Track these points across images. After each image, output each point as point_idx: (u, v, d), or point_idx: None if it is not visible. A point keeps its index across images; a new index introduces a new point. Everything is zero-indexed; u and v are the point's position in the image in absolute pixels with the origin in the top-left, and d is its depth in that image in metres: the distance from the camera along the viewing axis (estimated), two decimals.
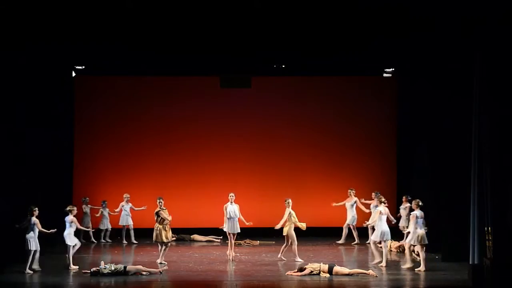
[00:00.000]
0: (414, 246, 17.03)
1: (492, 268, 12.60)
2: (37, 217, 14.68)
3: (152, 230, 15.97)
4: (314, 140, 20.89)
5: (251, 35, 15.92)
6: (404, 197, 18.32)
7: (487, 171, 13.01)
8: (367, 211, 18.58)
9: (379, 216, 15.57)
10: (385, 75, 20.70)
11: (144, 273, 14.40)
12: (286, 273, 14.48)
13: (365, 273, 14.27)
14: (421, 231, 14.96)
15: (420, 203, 15.17)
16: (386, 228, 15.52)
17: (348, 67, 19.86)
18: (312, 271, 14.29)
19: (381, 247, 15.81)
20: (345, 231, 19.34)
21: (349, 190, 19.42)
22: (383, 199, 15.91)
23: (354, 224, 19.19)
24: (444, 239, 15.96)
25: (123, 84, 20.80)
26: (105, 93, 20.78)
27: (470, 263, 13.41)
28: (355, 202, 19.28)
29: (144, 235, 18.75)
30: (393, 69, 20.39)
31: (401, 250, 17.51)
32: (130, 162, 20.59)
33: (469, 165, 13.75)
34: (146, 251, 17.86)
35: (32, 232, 14.60)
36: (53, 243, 17.87)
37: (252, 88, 20.73)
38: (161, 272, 14.53)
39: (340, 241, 19.28)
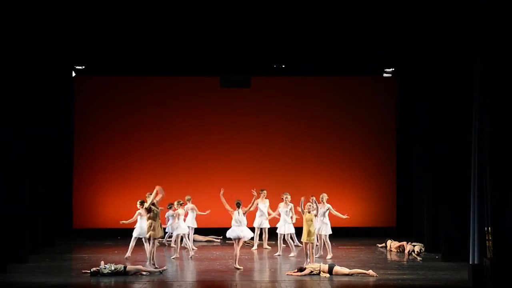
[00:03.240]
0: (414, 246, 17.13)
1: (492, 268, 12.59)
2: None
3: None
4: (314, 140, 20.88)
5: (252, 35, 15.92)
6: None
7: (487, 171, 13.00)
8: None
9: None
10: (385, 75, 20.69)
11: (144, 273, 14.40)
12: (286, 273, 14.48)
13: (365, 273, 14.27)
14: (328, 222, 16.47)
15: (326, 197, 16.70)
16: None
17: (348, 67, 19.86)
18: (312, 271, 14.29)
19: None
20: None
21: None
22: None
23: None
24: (444, 239, 15.96)
25: (123, 84, 20.78)
26: (105, 93, 20.76)
27: (470, 263, 13.41)
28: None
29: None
30: (393, 69, 20.39)
31: (401, 250, 17.53)
32: (130, 162, 20.56)
33: (469, 165, 13.75)
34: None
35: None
36: (52, 243, 17.91)
37: (252, 88, 20.72)
38: (161, 272, 14.53)
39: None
